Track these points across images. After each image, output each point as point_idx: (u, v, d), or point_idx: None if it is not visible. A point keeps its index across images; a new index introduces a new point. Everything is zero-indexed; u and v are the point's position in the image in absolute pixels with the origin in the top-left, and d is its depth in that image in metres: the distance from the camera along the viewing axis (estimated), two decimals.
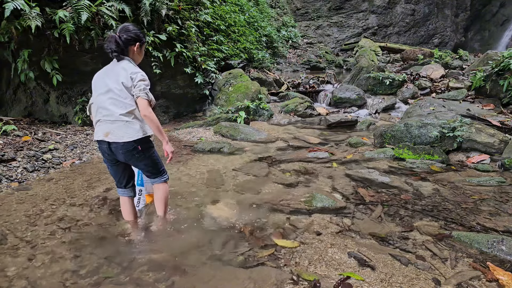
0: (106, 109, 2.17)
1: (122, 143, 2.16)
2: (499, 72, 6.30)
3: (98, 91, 2.23)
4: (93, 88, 2.29)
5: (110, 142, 2.18)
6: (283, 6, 20.81)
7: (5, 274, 1.92)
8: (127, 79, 2.14)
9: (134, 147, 2.19)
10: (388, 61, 15.59)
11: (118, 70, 2.18)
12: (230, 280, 1.90)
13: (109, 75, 2.21)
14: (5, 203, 2.80)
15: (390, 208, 2.87)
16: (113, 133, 2.16)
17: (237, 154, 4.45)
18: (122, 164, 2.35)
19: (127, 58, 2.24)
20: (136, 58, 2.32)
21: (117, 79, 2.16)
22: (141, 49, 2.34)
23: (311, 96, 8.67)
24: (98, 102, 2.22)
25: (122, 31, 2.22)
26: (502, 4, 22.23)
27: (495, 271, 1.96)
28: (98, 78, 2.27)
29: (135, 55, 2.30)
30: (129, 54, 2.26)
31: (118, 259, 2.09)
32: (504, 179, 3.48)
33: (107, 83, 2.18)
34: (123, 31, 2.22)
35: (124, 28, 2.24)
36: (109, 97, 2.17)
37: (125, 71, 2.16)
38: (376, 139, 4.90)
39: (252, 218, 2.66)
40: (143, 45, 2.35)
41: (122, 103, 2.16)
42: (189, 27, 6.58)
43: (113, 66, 2.23)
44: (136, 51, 2.28)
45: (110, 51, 2.19)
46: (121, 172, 2.37)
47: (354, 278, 1.91)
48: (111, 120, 2.16)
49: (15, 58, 4.73)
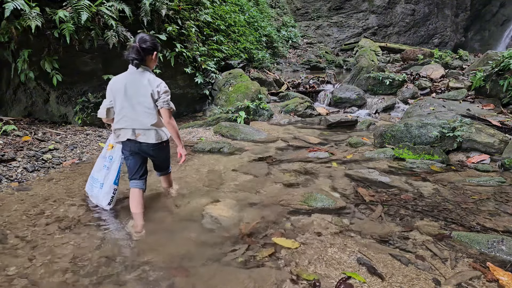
0: (137, 120, 2.46)
1: (153, 144, 2.53)
2: (499, 72, 6.30)
3: (124, 102, 2.44)
4: (113, 94, 2.48)
5: (142, 142, 2.51)
6: (283, 6, 20.81)
7: (5, 274, 1.92)
8: (155, 93, 2.42)
9: (162, 144, 2.61)
10: (388, 61, 15.59)
11: (144, 83, 2.41)
12: (230, 280, 1.90)
13: (134, 86, 2.42)
14: (5, 203, 2.80)
15: (390, 208, 2.87)
16: (146, 136, 2.50)
17: (237, 154, 4.45)
18: (142, 157, 2.64)
19: (147, 69, 2.47)
20: (151, 65, 2.53)
21: (146, 93, 2.41)
22: (156, 57, 2.55)
23: (311, 96, 8.67)
24: (126, 112, 2.46)
25: (141, 41, 2.40)
26: (502, 4, 22.24)
27: (495, 271, 1.96)
28: (121, 87, 2.43)
29: (151, 62, 2.51)
30: (147, 62, 2.46)
31: (119, 259, 2.09)
32: (504, 179, 3.48)
33: (134, 96, 2.42)
34: (142, 41, 2.40)
35: (142, 39, 2.42)
36: (140, 109, 2.44)
37: (151, 85, 2.41)
38: (376, 139, 4.90)
39: (252, 218, 2.66)
40: (158, 54, 2.56)
41: (152, 114, 2.47)
42: (189, 27, 6.58)
43: (136, 76, 2.43)
44: (153, 59, 2.50)
45: (131, 59, 2.38)
46: (140, 164, 2.64)
47: (356, 279, 1.90)
48: (144, 129, 2.49)
49: (15, 58, 4.73)
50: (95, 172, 2.82)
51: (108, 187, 2.70)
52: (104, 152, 2.82)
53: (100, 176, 2.75)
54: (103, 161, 2.78)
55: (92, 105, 5.33)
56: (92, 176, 2.84)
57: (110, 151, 2.77)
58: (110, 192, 2.70)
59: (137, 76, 2.41)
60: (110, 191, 2.70)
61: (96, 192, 2.78)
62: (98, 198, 2.76)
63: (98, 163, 2.83)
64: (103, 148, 2.87)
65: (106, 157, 2.77)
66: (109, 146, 2.78)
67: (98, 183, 2.76)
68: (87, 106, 5.33)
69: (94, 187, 2.79)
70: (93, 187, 2.80)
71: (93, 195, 2.83)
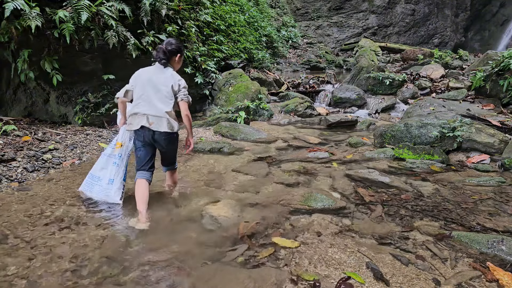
0: (154, 106, 2.68)
1: (165, 132, 2.71)
2: (499, 72, 6.30)
3: (147, 87, 2.70)
4: (136, 81, 2.76)
5: (155, 130, 2.68)
6: (283, 6, 20.81)
7: (5, 274, 1.92)
8: (175, 85, 2.72)
9: (173, 136, 2.79)
10: (388, 61, 15.59)
11: (167, 76, 2.73)
12: (230, 280, 1.90)
13: (158, 77, 2.72)
14: (5, 203, 2.80)
15: (390, 208, 2.87)
16: (159, 124, 2.68)
17: (237, 154, 4.45)
18: (153, 149, 2.84)
19: (171, 67, 2.82)
20: (175, 66, 2.89)
21: (167, 83, 2.70)
22: (180, 59, 2.91)
23: (311, 96, 8.68)
24: (145, 98, 2.70)
25: (168, 44, 2.78)
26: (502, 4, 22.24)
27: (495, 271, 1.96)
28: (149, 78, 2.73)
29: (175, 63, 2.88)
30: (171, 63, 2.84)
31: (119, 259, 2.09)
32: (504, 179, 3.48)
33: (156, 84, 2.70)
34: (168, 44, 2.77)
35: (169, 42, 2.80)
36: (158, 96, 2.69)
37: (173, 78, 2.74)
38: (376, 139, 4.90)
39: (252, 218, 2.66)
40: (182, 56, 2.90)
41: (168, 103, 2.71)
42: (189, 27, 6.58)
43: (161, 70, 2.76)
44: (177, 61, 2.87)
45: (159, 59, 2.75)
46: (150, 155, 2.83)
47: (355, 279, 1.90)
48: (158, 115, 2.68)
49: (15, 58, 4.73)
50: (96, 171, 2.86)
51: (119, 183, 2.83)
52: (110, 151, 2.88)
53: (106, 174, 2.83)
54: (111, 159, 2.85)
55: (92, 105, 5.33)
56: (93, 175, 2.87)
57: (119, 149, 2.87)
58: (121, 188, 2.84)
59: (162, 70, 2.75)
60: (120, 187, 2.83)
61: (98, 189, 2.83)
62: (108, 195, 2.81)
63: (100, 162, 2.87)
64: (109, 146, 2.95)
65: (115, 155, 2.85)
66: (118, 144, 2.88)
67: (102, 180, 2.82)
68: (87, 106, 5.33)
69: (95, 185, 2.83)
70: (93, 185, 2.84)
71: (93, 192, 2.86)
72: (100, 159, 2.89)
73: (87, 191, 2.90)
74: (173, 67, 2.84)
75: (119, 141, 2.87)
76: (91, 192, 2.88)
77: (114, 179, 2.82)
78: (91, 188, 2.87)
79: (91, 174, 2.89)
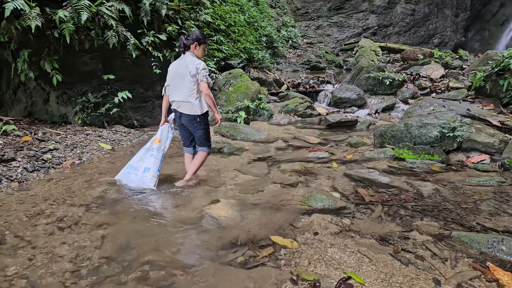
0: (179, 92, 3.11)
1: (187, 114, 3.14)
2: (499, 72, 6.30)
3: (174, 77, 3.15)
4: (169, 75, 3.21)
5: (181, 112, 3.15)
6: (283, 6, 20.81)
7: (5, 274, 1.92)
8: (194, 69, 3.02)
9: (194, 118, 3.15)
10: (388, 61, 15.59)
11: (186, 63, 3.06)
12: (230, 280, 1.90)
13: (181, 66, 3.10)
14: (5, 203, 2.80)
15: (390, 208, 2.87)
16: (183, 107, 3.13)
17: (237, 154, 4.45)
18: (187, 129, 3.30)
19: (190, 53, 3.13)
20: (196, 53, 3.16)
21: (187, 70, 3.03)
22: (200, 47, 3.17)
23: (311, 96, 8.67)
24: (174, 86, 3.15)
25: (187, 35, 3.15)
26: (502, 4, 22.24)
27: (495, 271, 1.96)
28: (175, 68, 3.16)
29: (195, 51, 3.14)
30: (190, 50, 3.14)
31: (118, 259, 2.09)
32: (504, 179, 3.48)
33: (180, 72, 3.09)
34: (187, 35, 3.15)
35: (189, 33, 3.17)
36: (182, 83, 3.08)
37: (192, 63, 3.04)
38: (376, 139, 4.90)
39: (252, 218, 2.66)
40: (201, 45, 3.16)
41: (190, 87, 3.07)
42: (189, 27, 6.58)
43: (182, 59, 3.13)
44: (196, 49, 3.14)
45: (179, 47, 3.15)
46: (187, 135, 3.38)
47: (355, 279, 1.90)
48: (182, 100, 3.11)
49: (15, 58, 4.73)
50: (134, 162, 3.30)
51: (154, 172, 3.21)
52: (149, 145, 3.33)
53: (142, 164, 3.26)
54: (148, 152, 3.30)
55: (92, 105, 5.33)
56: (131, 165, 3.31)
57: (157, 144, 3.30)
58: (155, 176, 3.21)
59: (184, 58, 3.12)
60: (155, 175, 3.21)
61: (134, 177, 3.24)
62: (143, 181, 3.19)
63: (139, 154, 3.32)
64: (149, 141, 3.39)
65: (153, 148, 3.29)
66: (156, 140, 3.33)
67: (138, 170, 3.25)
68: (87, 106, 5.33)
69: (132, 174, 3.27)
70: (130, 174, 3.28)
71: (129, 180, 3.27)
72: (139, 152, 3.34)
73: (123, 179, 3.31)
74: (194, 54, 3.13)
75: (157, 137, 3.33)
76: (127, 180, 3.28)
77: (150, 167, 3.22)
78: (127, 176, 3.29)
79: (129, 165, 3.32)
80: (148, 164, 3.24)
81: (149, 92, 6.17)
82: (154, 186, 3.18)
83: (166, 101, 3.31)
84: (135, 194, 3.07)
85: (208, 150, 3.36)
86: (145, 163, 3.26)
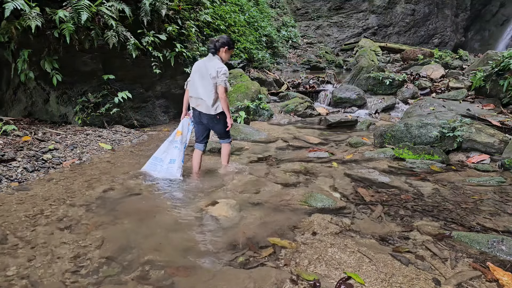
0: (198, 90, 3.33)
1: (204, 113, 3.37)
2: (499, 72, 6.30)
3: (196, 76, 3.35)
4: (193, 70, 3.42)
5: (200, 111, 3.38)
6: (283, 6, 20.80)
7: (5, 274, 1.92)
8: (214, 72, 3.23)
9: (214, 116, 3.38)
10: (388, 61, 15.60)
11: (212, 65, 3.27)
12: (230, 280, 1.90)
13: (205, 66, 3.30)
14: (5, 203, 2.80)
15: (390, 208, 2.87)
16: (202, 106, 3.34)
17: (237, 154, 4.44)
18: (204, 126, 3.54)
19: (217, 56, 3.35)
20: (223, 56, 3.39)
21: (209, 72, 3.25)
22: (228, 52, 3.41)
23: (311, 96, 8.67)
24: (195, 83, 3.36)
25: (218, 38, 3.38)
26: (502, 4, 22.24)
27: (495, 271, 1.96)
28: (198, 66, 3.38)
29: (223, 54, 3.37)
30: (219, 53, 3.36)
31: (118, 259, 2.09)
32: (504, 179, 3.48)
33: (202, 72, 3.31)
34: (218, 38, 3.38)
35: (220, 37, 3.40)
36: (201, 83, 3.31)
37: (214, 66, 3.25)
38: (376, 139, 4.90)
39: (252, 218, 2.66)
40: (230, 50, 3.42)
41: (208, 88, 3.28)
42: (189, 27, 6.58)
43: (209, 59, 3.34)
44: (224, 52, 3.37)
45: (210, 49, 3.34)
46: (202, 131, 3.58)
47: (355, 279, 1.90)
48: (200, 98, 3.33)
49: (15, 58, 4.72)
50: (159, 154, 3.54)
51: (179, 162, 3.47)
52: (172, 138, 3.56)
53: (167, 156, 3.51)
54: (172, 144, 3.54)
55: (92, 105, 5.33)
56: (156, 157, 3.55)
57: (180, 136, 3.55)
58: (181, 167, 3.47)
59: (210, 58, 3.33)
60: (180, 166, 3.47)
61: (160, 168, 3.49)
62: (170, 172, 3.45)
63: (163, 146, 3.56)
64: (170, 135, 3.61)
65: (176, 141, 3.53)
66: (178, 132, 3.56)
67: (163, 161, 3.50)
68: (87, 106, 5.33)
69: (157, 165, 3.52)
70: (156, 165, 3.53)
71: (156, 171, 3.51)
72: (163, 145, 3.57)
73: (150, 170, 3.55)
74: (221, 58, 3.36)
75: (179, 130, 3.56)
76: (154, 171, 3.52)
77: (175, 159, 3.47)
78: (154, 168, 3.53)
79: (154, 156, 3.55)
80: (173, 156, 3.49)
81: (149, 92, 6.17)
82: (181, 176, 3.43)
83: (187, 95, 3.52)
84: (133, 195, 3.08)
85: (230, 140, 3.70)
86: (170, 155, 3.50)
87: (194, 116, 3.53)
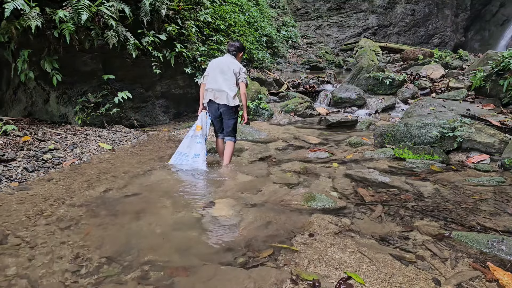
0: (219, 83, 3.70)
1: (223, 104, 3.70)
2: (499, 72, 6.30)
3: (216, 70, 3.74)
4: (211, 66, 3.80)
5: (218, 103, 3.70)
6: (283, 6, 20.81)
7: (5, 274, 1.92)
8: (237, 70, 3.72)
9: (231, 108, 3.73)
10: (388, 61, 15.60)
11: (233, 62, 3.77)
12: (230, 280, 1.90)
13: (226, 63, 3.74)
14: (5, 203, 2.80)
15: (390, 208, 2.87)
16: (222, 98, 3.68)
17: (237, 154, 4.44)
18: (221, 120, 3.84)
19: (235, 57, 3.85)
20: (239, 59, 3.91)
21: (231, 68, 3.71)
22: (241, 56, 3.98)
23: (311, 96, 8.68)
24: (215, 77, 3.73)
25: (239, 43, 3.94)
26: (502, 4, 22.25)
27: (495, 271, 1.96)
28: (219, 62, 3.80)
29: (238, 57, 3.91)
30: (237, 57, 3.89)
31: (118, 259, 2.09)
32: (504, 179, 3.48)
33: (223, 68, 3.73)
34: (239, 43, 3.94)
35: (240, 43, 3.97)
36: (223, 77, 3.71)
37: (236, 64, 3.76)
38: (376, 139, 4.90)
39: (252, 218, 2.66)
40: (242, 56, 4.00)
41: (230, 82, 3.70)
42: (189, 27, 6.58)
43: (230, 58, 3.81)
44: (239, 56, 3.93)
45: (231, 50, 3.84)
46: (220, 124, 3.90)
47: (355, 279, 1.90)
48: (220, 90, 3.69)
49: (15, 58, 4.73)
50: (183, 149, 3.80)
51: (203, 156, 3.72)
52: (192, 133, 3.80)
53: (191, 151, 3.75)
54: (194, 139, 3.78)
55: (92, 105, 5.33)
56: (180, 152, 3.80)
57: (200, 131, 3.79)
58: (205, 160, 3.72)
59: (230, 58, 3.80)
60: (204, 159, 3.71)
61: (186, 162, 3.74)
62: (196, 166, 3.68)
63: (185, 141, 3.81)
64: (190, 130, 3.84)
65: (197, 135, 3.78)
66: (198, 127, 3.80)
67: (188, 156, 3.75)
68: (87, 106, 5.33)
69: (183, 159, 3.77)
70: (182, 159, 3.78)
71: (183, 164, 3.74)
72: (184, 140, 3.82)
73: (177, 164, 3.78)
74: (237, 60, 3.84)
75: (199, 125, 3.79)
76: (180, 165, 3.76)
77: (199, 153, 3.71)
78: (180, 161, 3.78)
79: (178, 151, 3.81)
80: (197, 150, 3.73)
81: (149, 92, 6.17)
82: (207, 169, 3.68)
83: (203, 89, 3.81)
84: (133, 195, 3.08)
85: (235, 140, 3.92)
86: (193, 149, 3.75)
87: (210, 109, 3.78)
